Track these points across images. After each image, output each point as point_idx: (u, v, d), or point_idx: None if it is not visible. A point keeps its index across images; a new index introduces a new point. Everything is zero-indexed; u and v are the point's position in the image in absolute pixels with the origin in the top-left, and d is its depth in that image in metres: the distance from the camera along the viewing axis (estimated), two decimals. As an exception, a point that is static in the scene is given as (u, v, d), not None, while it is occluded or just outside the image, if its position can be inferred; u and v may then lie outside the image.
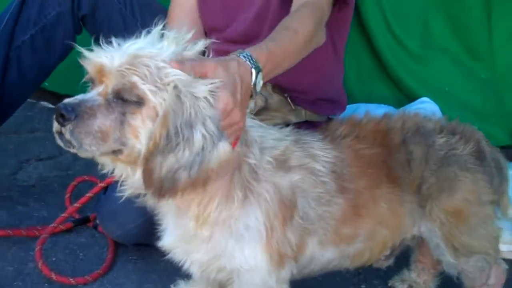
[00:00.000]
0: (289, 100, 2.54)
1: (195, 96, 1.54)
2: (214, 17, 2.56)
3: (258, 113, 2.46)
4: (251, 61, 1.72)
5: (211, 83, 1.55)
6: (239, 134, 1.67)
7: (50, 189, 2.96)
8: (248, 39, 2.46)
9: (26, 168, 3.14)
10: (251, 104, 2.45)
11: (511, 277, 2.32)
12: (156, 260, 2.40)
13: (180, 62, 1.55)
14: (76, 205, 2.48)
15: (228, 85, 1.58)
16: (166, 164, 1.52)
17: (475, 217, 2.03)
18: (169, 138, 1.51)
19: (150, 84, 1.52)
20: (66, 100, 1.53)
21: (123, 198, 1.75)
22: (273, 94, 2.51)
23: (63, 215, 2.46)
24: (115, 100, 1.53)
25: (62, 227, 2.55)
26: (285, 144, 1.84)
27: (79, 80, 1.68)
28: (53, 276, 2.23)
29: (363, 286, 2.45)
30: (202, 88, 1.54)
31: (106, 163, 1.68)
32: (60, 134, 1.54)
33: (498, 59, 3.89)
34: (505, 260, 2.29)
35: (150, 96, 1.51)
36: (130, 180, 1.66)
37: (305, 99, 2.58)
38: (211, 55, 2.19)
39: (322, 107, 2.63)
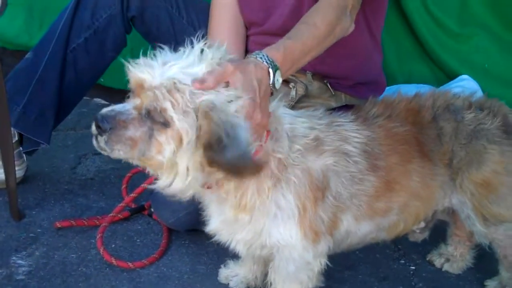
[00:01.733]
0: (328, 86, 2.61)
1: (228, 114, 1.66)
2: (252, 12, 2.64)
3: (300, 101, 2.56)
4: (268, 61, 1.84)
5: (234, 97, 1.68)
6: (261, 132, 1.80)
7: (108, 181, 3.11)
8: (286, 31, 2.54)
9: (84, 162, 3.29)
10: (292, 92, 2.56)
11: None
12: (207, 244, 2.53)
13: (201, 81, 1.66)
14: (132, 195, 2.63)
15: (246, 89, 1.72)
16: (225, 156, 1.62)
17: (503, 187, 2.12)
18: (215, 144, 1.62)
19: (179, 111, 1.64)
20: (104, 111, 1.70)
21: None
22: (313, 81, 2.58)
23: (120, 204, 2.62)
24: (146, 115, 1.68)
25: (120, 216, 2.70)
26: (316, 132, 1.94)
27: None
28: (114, 261, 2.39)
29: (402, 261, 2.54)
30: (231, 107, 1.67)
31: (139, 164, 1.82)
32: (96, 137, 1.72)
33: (538, 33, 3.85)
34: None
35: (176, 121, 1.64)
36: (160, 182, 1.79)
37: (344, 84, 2.64)
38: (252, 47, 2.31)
39: (361, 91, 2.67)
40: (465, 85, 3.61)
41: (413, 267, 2.51)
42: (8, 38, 4.10)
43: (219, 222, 2.00)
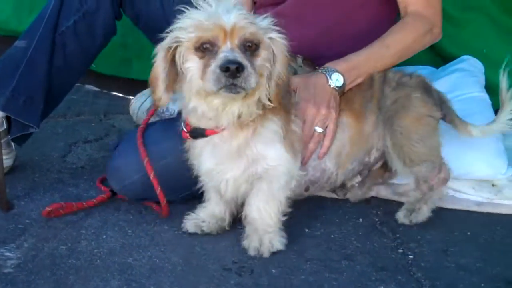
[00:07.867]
0: None
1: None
2: None
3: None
4: (324, 70, 2.46)
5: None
6: (326, 121, 2.41)
7: (98, 169, 3.06)
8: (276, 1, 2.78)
9: (75, 150, 3.24)
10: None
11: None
12: (200, 235, 2.51)
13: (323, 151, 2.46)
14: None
15: (304, 95, 2.38)
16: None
17: (428, 127, 2.53)
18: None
19: (263, 36, 2.02)
20: (225, 60, 1.90)
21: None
22: (303, 66, 2.58)
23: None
24: (242, 51, 1.97)
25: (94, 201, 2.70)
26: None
27: (122, 61, 1.81)
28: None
29: (401, 250, 2.47)
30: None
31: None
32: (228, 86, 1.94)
33: (537, 18, 3.81)
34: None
35: (265, 39, 2.02)
36: (213, 113, 2.11)
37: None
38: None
39: None
40: (466, 66, 3.55)
41: (411, 256, 2.44)
42: (-3, 24, 4.05)
43: (211, 163, 2.25)
